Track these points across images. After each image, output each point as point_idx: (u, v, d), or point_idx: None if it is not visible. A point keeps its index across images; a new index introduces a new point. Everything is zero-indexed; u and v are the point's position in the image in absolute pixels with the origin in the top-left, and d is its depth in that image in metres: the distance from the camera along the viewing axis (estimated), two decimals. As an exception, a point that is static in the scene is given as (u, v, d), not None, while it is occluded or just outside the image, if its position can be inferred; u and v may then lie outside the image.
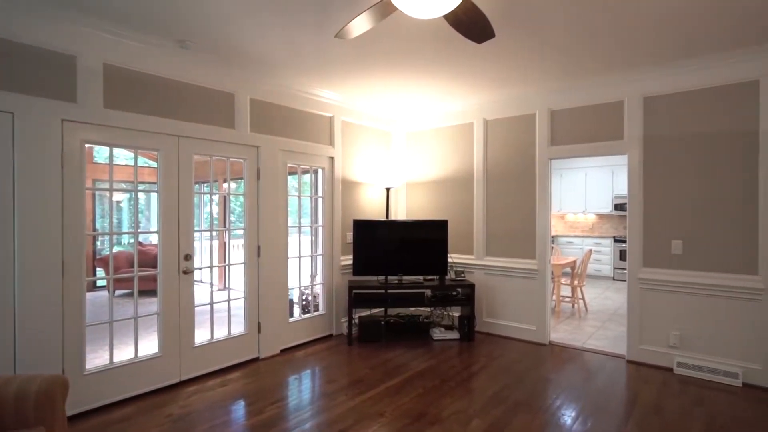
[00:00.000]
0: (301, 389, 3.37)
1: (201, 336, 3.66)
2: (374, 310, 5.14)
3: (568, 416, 2.92)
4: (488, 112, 4.83)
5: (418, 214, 5.46)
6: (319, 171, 4.70)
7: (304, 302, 4.79)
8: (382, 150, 5.39)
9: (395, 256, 4.67)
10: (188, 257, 3.47)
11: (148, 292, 4.67)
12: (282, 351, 4.22)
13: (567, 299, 6.07)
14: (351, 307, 4.45)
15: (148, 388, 3.25)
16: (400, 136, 5.59)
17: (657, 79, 3.80)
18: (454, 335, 4.61)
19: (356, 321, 4.70)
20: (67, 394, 2.03)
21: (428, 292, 4.78)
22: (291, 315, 4.50)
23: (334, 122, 4.69)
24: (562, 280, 6.06)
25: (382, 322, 4.60)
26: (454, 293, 4.67)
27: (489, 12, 2.67)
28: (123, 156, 7.45)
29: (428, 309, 5.21)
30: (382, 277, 4.73)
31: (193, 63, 3.44)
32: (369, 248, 4.64)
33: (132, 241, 8.51)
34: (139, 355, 3.25)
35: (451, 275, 4.88)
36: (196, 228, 3.56)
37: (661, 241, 3.83)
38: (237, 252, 6.96)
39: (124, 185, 7.11)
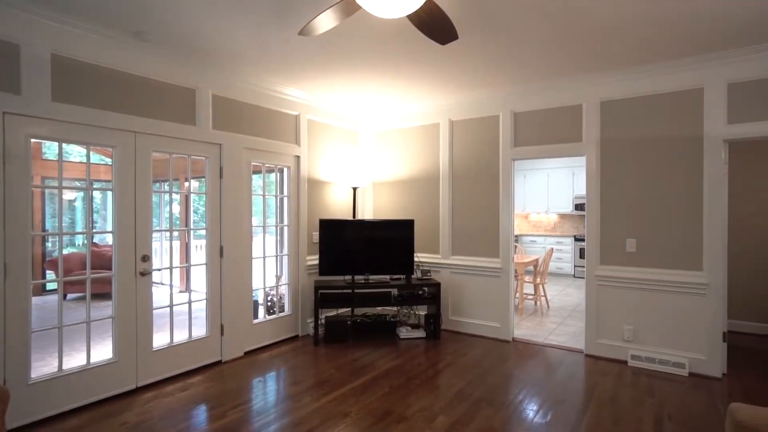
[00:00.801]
0: (266, 391, 3.31)
1: (160, 340, 3.53)
2: (341, 310, 5.12)
3: (529, 410, 3.00)
4: (454, 113, 4.90)
5: (385, 214, 5.48)
6: (285, 170, 4.62)
7: (269, 303, 4.71)
8: (348, 149, 5.37)
9: (362, 255, 4.66)
10: (146, 258, 3.34)
11: (104, 295, 4.45)
12: (246, 353, 4.13)
13: (530, 297, 6.25)
14: (317, 307, 4.41)
15: (102, 396, 3.10)
16: (368, 135, 5.59)
17: (613, 84, 3.97)
18: (421, 334, 4.65)
19: (322, 321, 4.66)
20: (7, 406, 1.91)
21: (395, 291, 4.81)
22: (255, 316, 4.42)
23: (300, 120, 4.63)
24: (526, 278, 6.23)
25: (349, 322, 4.58)
26: (421, 292, 4.71)
27: (453, 14, 2.70)
28: (77, 153, 7.08)
29: (395, 308, 5.23)
30: (348, 277, 4.71)
31: (153, 57, 3.31)
32: (335, 248, 4.61)
33: (87, 242, 8.10)
34: (92, 361, 3.09)
35: (417, 274, 4.92)
36: (156, 228, 3.43)
37: (616, 239, 4.01)
38: (199, 252, 6.76)
39: (78, 183, 6.76)
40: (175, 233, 7.81)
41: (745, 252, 4.89)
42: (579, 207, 8.81)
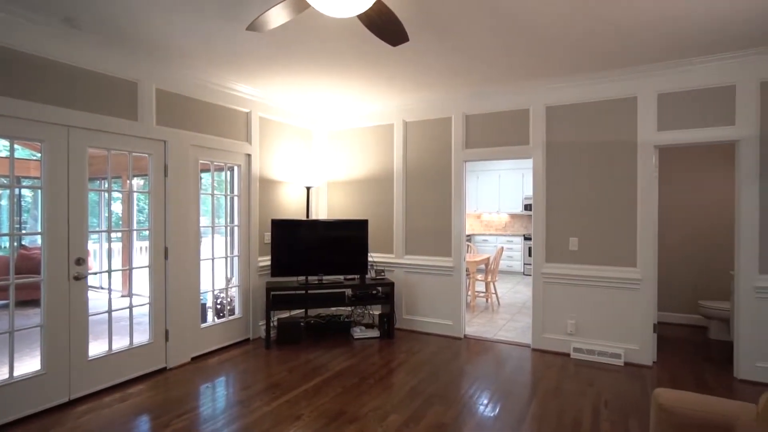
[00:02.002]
0: (214, 398, 3.19)
1: (97, 348, 3.32)
2: (294, 312, 5.03)
3: (479, 404, 3.09)
4: (407, 114, 4.95)
5: (339, 214, 5.45)
6: (235, 168, 4.48)
7: (218, 306, 4.55)
8: (302, 148, 5.29)
9: (315, 256, 4.61)
10: (81, 261, 3.12)
11: (35, 302, 4.12)
12: (193, 359, 3.97)
13: (481, 294, 6.43)
14: (269, 309, 4.31)
15: (29, 412, 2.86)
16: (322, 134, 5.53)
17: (557, 90, 4.16)
18: (375, 333, 4.66)
19: (275, 323, 4.57)
20: None
21: (349, 291, 4.79)
22: (204, 320, 4.25)
23: (251, 118, 4.51)
24: (478, 277, 6.41)
25: (302, 324, 4.52)
26: (375, 292, 4.73)
27: (403, 16, 2.73)
28: (2, 146, 6.50)
29: (349, 308, 5.21)
30: (302, 278, 4.65)
31: (88, 46, 3.10)
32: (288, 248, 4.53)
33: (16, 244, 7.46)
34: (15, 374, 2.84)
35: (371, 274, 4.93)
36: (94, 228, 3.21)
37: (560, 238, 4.21)
38: (143, 254, 6.40)
39: (5, 180, 6.21)
40: (117, 234, 7.35)
41: (673, 250, 5.29)
42: (528, 207, 9.18)
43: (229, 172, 4.51)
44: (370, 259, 5.12)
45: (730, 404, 1.69)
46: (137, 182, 6.40)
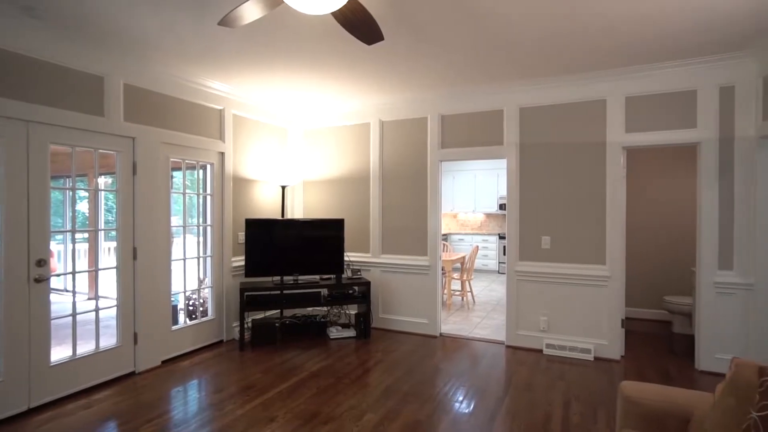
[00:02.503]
0: (186, 401, 3.12)
1: (61, 353, 3.19)
2: (269, 313, 4.97)
3: (454, 401, 3.12)
4: (384, 114, 4.96)
5: (315, 213, 5.41)
6: (208, 167, 4.39)
7: (190, 308, 4.44)
8: (277, 147, 5.22)
9: (291, 255, 4.56)
10: (42, 263, 3.00)
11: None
12: (164, 362, 3.86)
13: (457, 293, 6.50)
14: (243, 310, 4.24)
15: (-14, 420, 2.73)
16: (297, 133, 5.48)
17: (530, 92, 4.25)
18: (351, 333, 4.65)
19: (249, 325, 4.50)
20: None
21: (325, 291, 4.76)
22: (175, 322, 4.15)
23: (224, 115, 4.42)
24: (453, 275, 6.48)
25: (277, 324, 4.46)
26: (351, 291, 4.71)
27: (380, 16, 2.73)
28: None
29: (325, 308, 5.18)
30: (277, 278, 4.59)
31: (51, 37, 2.98)
32: (263, 248, 4.47)
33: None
34: (-28, 381, 2.71)
35: (347, 274, 4.91)
36: (58, 228, 3.08)
37: (533, 237, 4.30)
38: (112, 255, 6.19)
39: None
40: (84, 235, 7.09)
41: (640, 247, 5.48)
42: (503, 207, 9.34)
43: (201, 171, 4.41)
44: (346, 258, 5.10)
45: (690, 394, 1.77)
46: (104, 180, 6.18)
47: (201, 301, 4.46)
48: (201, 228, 4.40)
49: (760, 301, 3.41)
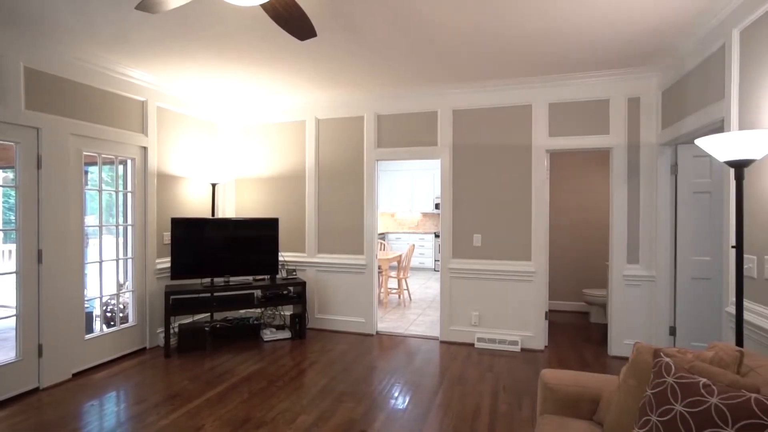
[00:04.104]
0: (102, 415, 2.86)
1: (-55, 370, 2.80)
2: (198, 317, 4.72)
3: (389, 397, 3.15)
4: (320, 112, 4.90)
5: (249, 212, 5.22)
6: (129, 162, 4.07)
7: (108, 314, 4.10)
8: (207, 142, 4.97)
9: (221, 256, 4.36)
10: None
11: None
12: (76, 375, 3.53)
13: (394, 291, 6.59)
14: (168, 314, 3.98)
15: None
16: (229, 128, 5.25)
17: (464, 95, 4.40)
18: (286, 334, 4.54)
19: (176, 330, 4.23)
20: None
21: (258, 292, 4.61)
22: (90, 330, 3.80)
23: (147, 107, 4.12)
24: (390, 273, 6.55)
25: (207, 329, 4.24)
26: (286, 292, 4.61)
27: (313, 12, 2.69)
28: None
29: (259, 310, 5.02)
30: (206, 280, 4.37)
31: (-70, 10, 2.60)
32: (191, 249, 4.23)
33: None
34: None
35: (282, 274, 4.80)
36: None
37: (466, 235, 4.46)
38: (13, 258, 5.54)
39: None
40: (-21, 236, 6.27)
41: (561, 244, 5.90)
42: (439, 206, 9.60)
43: (122, 166, 4.08)
44: (281, 258, 4.98)
45: (599, 378, 1.93)
46: (3, 175, 5.52)
47: (121, 306, 4.12)
48: (122, 228, 4.07)
49: (660, 291, 3.80)
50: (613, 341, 4.02)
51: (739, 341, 2.00)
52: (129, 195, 4.08)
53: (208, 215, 4.96)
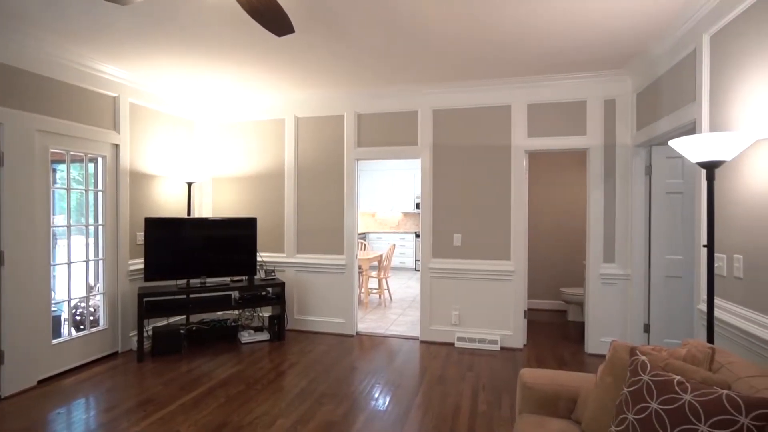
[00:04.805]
0: (69, 424, 2.75)
1: None
2: (173, 319, 4.59)
3: (369, 398, 3.12)
4: (299, 110, 4.83)
5: (226, 212, 5.11)
6: (99, 159, 3.93)
7: (78, 317, 3.94)
8: (183, 140, 4.84)
9: (198, 257, 4.25)
10: None
11: None
12: (41, 381, 3.38)
13: (374, 291, 6.56)
14: (141, 317, 3.86)
15: None
16: (207, 126, 5.13)
17: (443, 95, 4.41)
18: (264, 336, 4.46)
19: (149, 333, 4.11)
20: None
21: (236, 293, 4.52)
22: (57, 335, 3.65)
23: (119, 103, 3.99)
24: (371, 274, 6.53)
25: (183, 331, 4.14)
26: (264, 293, 4.53)
27: (290, 8, 2.64)
28: None
29: (236, 312, 4.92)
30: (182, 282, 4.25)
31: None
32: (166, 250, 4.11)
33: None
34: None
35: (261, 275, 4.72)
36: None
37: (446, 235, 4.47)
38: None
39: None
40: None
41: (540, 243, 5.98)
42: (419, 206, 9.62)
43: (92, 164, 3.93)
44: (259, 259, 4.89)
45: (576, 376, 1.94)
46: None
47: (91, 309, 3.98)
48: (92, 228, 3.92)
49: (634, 289, 3.88)
50: (590, 339, 4.09)
51: (711, 338, 2.05)
52: (100, 194, 3.94)
53: (184, 215, 4.83)
